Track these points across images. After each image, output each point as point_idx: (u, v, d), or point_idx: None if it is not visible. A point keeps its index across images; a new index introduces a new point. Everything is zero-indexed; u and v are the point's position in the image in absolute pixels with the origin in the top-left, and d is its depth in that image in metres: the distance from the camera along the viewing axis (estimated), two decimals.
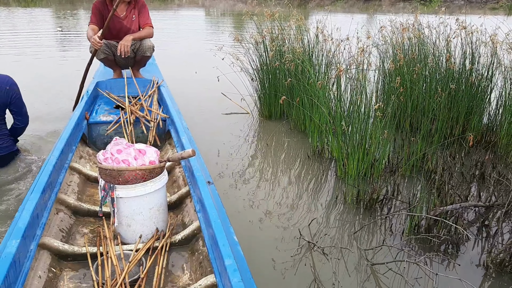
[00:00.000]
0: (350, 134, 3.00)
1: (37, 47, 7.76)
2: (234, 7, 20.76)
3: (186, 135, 2.74)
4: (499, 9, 21.10)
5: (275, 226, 2.47)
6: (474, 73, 3.63)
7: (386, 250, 2.27)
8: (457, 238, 2.30)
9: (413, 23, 4.05)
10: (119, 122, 3.19)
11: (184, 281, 1.82)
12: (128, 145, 2.03)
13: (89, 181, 2.65)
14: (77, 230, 2.14)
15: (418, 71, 3.44)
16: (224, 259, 1.52)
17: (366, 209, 2.66)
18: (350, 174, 3.02)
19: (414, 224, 2.38)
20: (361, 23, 4.57)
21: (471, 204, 2.55)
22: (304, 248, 2.26)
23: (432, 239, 2.28)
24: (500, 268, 2.12)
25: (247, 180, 3.05)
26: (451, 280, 2.01)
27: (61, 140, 2.55)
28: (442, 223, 2.36)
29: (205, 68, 5.97)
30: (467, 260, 2.22)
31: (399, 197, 2.76)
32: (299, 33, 4.08)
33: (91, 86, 3.69)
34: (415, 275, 2.07)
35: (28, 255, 1.69)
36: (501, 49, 3.63)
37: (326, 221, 2.57)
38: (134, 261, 1.81)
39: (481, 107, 3.68)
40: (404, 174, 3.11)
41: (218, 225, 1.72)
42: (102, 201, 1.98)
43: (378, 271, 2.10)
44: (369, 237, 2.41)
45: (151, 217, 2.02)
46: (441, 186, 2.78)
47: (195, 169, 2.21)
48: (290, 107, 4.06)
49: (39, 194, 1.90)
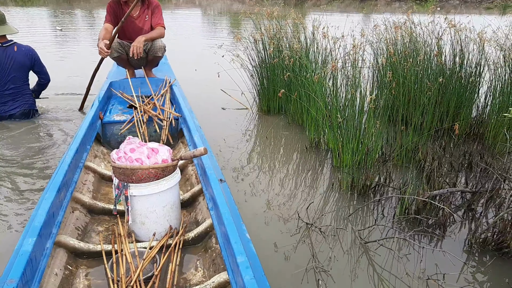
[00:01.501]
0: (345, 127, 3.17)
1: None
2: (231, 6, 20.92)
3: (198, 134, 2.77)
4: (493, 9, 21.37)
5: (275, 211, 2.64)
6: (463, 69, 3.82)
7: (378, 231, 2.45)
8: (444, 220, 2.48)
9: (405, 21, 4.24)
10: (133, 121, 3.24)
11: (198, 278, 1.85)
12: (141, 144, 2.08)
13: (103, 179, 2.70)
14: (92, 228, 2.19)
15: (409, 66, 3.62)
16: (237, 256, 1.54)
17: (360, 195, 2.83)
18: (345, 164, 3.20)
19: (405, 208, 2.56)
20: (356, 22, 4.74)
21: (458, 189, 2.74)
22: (302, 229, 2.43)
23: (421, 222, 2.46)
24: (483, 246, 2.30)
25: (248, 171, 3.21)
26: (437, 256, 2.20)
27: (76, 140, 2.60)
28: (430, 206, 2.54)
29: (204, 66, 6.16)
30: (453, 239, 2.40)
31: (391, 184, 2.94)
32: (296, 31, 4.26)
33: (105, 86, 3.75)
34: (405, 252, 2.25)
35: (44, 253, 1.73)
36: (490, 46, 3.82)
37: (322, 205, 2.74)
38: (148, 259, 1.84)
39: (470, 101, 3.87)
40: (396, 164, 3.29)
41: (231, 222, 1.74)
42: (116, 199, 2.02)
43: (371, 249, 2.27)
44: (363, 219, 2.59)
45: (164, 215, 2.05)
46: (430, 174, 2.96)
47: (207, 167, 2.24)
48: (288, 102, 4.24)
49: (55, 193, 1.94)
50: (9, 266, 1.51)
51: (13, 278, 1.43)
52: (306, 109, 3.84)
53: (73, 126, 3.78)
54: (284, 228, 2.45)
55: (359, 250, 2.27)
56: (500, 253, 2.25)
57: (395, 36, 4.09)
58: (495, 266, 2.19)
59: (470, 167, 3.22)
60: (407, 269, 2.12)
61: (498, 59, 3.73)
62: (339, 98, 3.40)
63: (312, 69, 3.63)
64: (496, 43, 3.79)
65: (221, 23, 14.55)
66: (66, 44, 8.68)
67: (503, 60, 3.66)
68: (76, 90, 4.80)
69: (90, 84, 4.05)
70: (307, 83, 3.53)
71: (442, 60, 3.76)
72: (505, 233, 2.25)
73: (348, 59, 3.48)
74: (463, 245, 2.35)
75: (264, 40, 4.29)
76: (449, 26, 3.89)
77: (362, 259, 2.21)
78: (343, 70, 3.47)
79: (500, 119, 3.53)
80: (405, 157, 3.30)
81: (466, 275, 2.11)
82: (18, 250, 1.59)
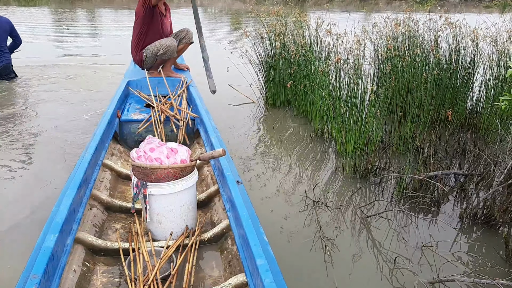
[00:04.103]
0: (348, 117, 3.42)
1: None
2: (232, 6, 21.16)
3: (215, 135, 2.79)
4: (493, 7, 21.57)
5: (284, 193, 2.88)
6: (459, 64, 4.06)
7: (378, 207, 2.70)
8: (438, 198, 2.73)
9: (404, 19, 4.48)
10: (150, 120, 3.25)
11: (213, 279, 1.86)
12: (161, 144, 2.09)
13: (120, 178, 2.72)
14: (109, 226, 2.20)
15: (407, 60, 3.86)
16: (256, 259, 1.54)
17: (362, 178, 3.08)
18: (348, 151, 3.44)
19: (402, 188, 2.81)
20: (357, 20, 4.99)
21: (452, 171, 2.99)
22: (309, 206, 2.68)
23: (417, 200, 2.71)
24: (473, 220, 2.55)
25: (257, 159, 3.45)
26: (432, 230, 2.45)
27: (95, 138, 2.62)
28: (426, 186, 2.79)
29: (212, 62, 6.40)
30: (446, 215, 2.65)
31: (390, 168, 3.19)
32: (300, 28, 4.51)
33: (122, 84, 3.78)
34: (402, 224, 2.51)
35: (65, 250, 1.74)
36: (484, 42, 4.07)
37: (327, 187, 2.99)
38: (165, 258, 1.85)
39: (465, 94, 4.12)
40: (395, 151, 3.53)
41: (249, 225, 1.74)
42: (134, 198, 2.02)
43: (371, 224, 2.52)
44: (364, 198, 2.84)
45: (181, 215, 2.06)
46: (426, 159, 3.20)
47: (225, 169, 2.24)
48: (294, 95, 4.49)
49: (76, 190, 1.95)
50: (31, 261, 1.54)
51: (36, 274, 1.44)
52: (311, 101, 4.09)
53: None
54: (292, 206, 2.70)
55: (360, 224, 2.52)
56: (488, 226, 2.50)
57: (394, 32, 4.33)
58: (484, 237, 2.44)
59: (464, 154, 3.47)
60: (404, 238, 2.37)
61: (492, 54, 3.97)
62: (342, 90, 3.65)
63: (317, 63, 3.87)
64: (491, 39, 4.04)
65: (222, 21, 14.79)
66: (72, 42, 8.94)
67: (497, 54, 3.90)
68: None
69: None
70: (312, 77, 3.77)
71: (438, 55, 4.00)
72: (493, 208, 2.50)
73: (351, 53, 3.73)
74: (455, 219, 2.60)
75: (270, 36, 4.54)
76: (445, 23, 4.13)
77: (363, 231, 2.46)
78: (346, 63, 3.71)
79: (493, 110, 3.77)
80: (403, 145, 3.54)
81: (458, 245, 2.36)
82: (39, 245, 1.60)
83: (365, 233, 2.44)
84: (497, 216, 2.47)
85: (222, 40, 9.24)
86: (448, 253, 2.27)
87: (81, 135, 3.67)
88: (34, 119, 4.06)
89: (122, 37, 9.34)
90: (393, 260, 2.19)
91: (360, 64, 3.55)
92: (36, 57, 6.83)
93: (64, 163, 3.15)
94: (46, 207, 2.41)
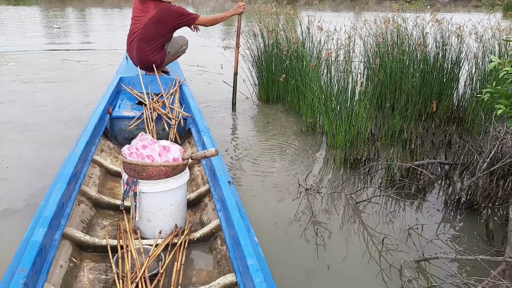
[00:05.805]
0: (338, 111, 3.54)
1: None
2: (224, 5, 21.23)
3: (207, 135, 2.79)
4: (482, 7, 21.91)
5: (277, 183, 3.00)
6: (445, 59, 4.22)
7: (367, 194, 2.83)
8: (424, 186, 2.87)
9: (393, 16, 4.63)
10: (142, 118, 3.23)
11: (202, 278, 1.86)
12: (153, 141, 2.07)
13: (109, 174, 2.70)
14: (97, 222, 2.18)
15: (396, 55, 4.01)
16: (247, 259, 1.54)
17: (352, 168, 3.22)
18: (338, 143, 3.57)
19: (390, 175, 2.94)
20: (347, 18, 5.14)
21: (437, 161, 3.13)
22: (302, 194, 2.81)
23: (404, 186, 2.85)
24: (457, 205, 2.70)
25: (250, 152, 3.55)
26: (418, 215, 2.58)
27: (86, 133, 2.60)
28: (412, 175, 2.92)
29: (205, 59, 6.52)
30: (431, 202, 2.79)
31: (379, 159, 3.32)
32: (292, 25, 4.64)
33: (114, 80, 3.74)
34: (390, 209, 2.64)
35: (53, 244, 1.73)
36: (470, 38, 4.23)
37: (319, 176, 3.12)
38: (154, 256, 1.85)
39: (451, 88, 4.27)
40: (384, 143, 3.67)
41: (241, 225, 1.75)
42: (124, 195, 2.00)
43: (361, 209, 2.65)
44: (354, 186, 2.97)
45: (171, 214, 2.05)
46: (414, 150, 3.34)
47: (217, 169, 2.24)
48: (286, 91, 4.61)
49: (65, 185, 1.94)
50: (18, 255, 1.53)
51: (24, 267, 1.44)
52: (303, 96, 4.21)
53: None
54: (286, 195, 2.82)
55: (351, 209, 2.65)
56: (471, 210, 2.65)
57: (383, 29, 4.48)
58: (467, 220, 2.59)
59: (449, 145, 3.62)
60: (391, 221, 2.50)
61: (477, 50, 4.13)
62: (333, 85, 3.77)
63: (308, 59, 4.00)
64: (476, 35, 4.20)
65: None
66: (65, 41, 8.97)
67: (482, 50, 4.06)
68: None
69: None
70: (303, 72, 3.90)
71: (426, 51, 4.15)
72: (476, 193, 2.65)
73: (341, 48, 3.86)
74: (441, 205, 2.74)
75: (263, 33, 4.65)
76: (432, 20, 4.28)
77: (353, 216, 2.59)
78: (337, 59, 3.84)
79: (478, 103, 3.93)
80: (391, 137, 3.68)
81: (442, 228, 2.50)
82: (28, 239, 1.59)
83: (355, 218, 2.57)
84: (479, 201, 2.61)
85: (215, 38, 9.35)
86: (433, 236, 2.40)
87: (69, 129, 3.77)
88: (20, 109, 4.15)
89: (114, 35, 9.39)
90: (382, 242, 2.32)
91: (350, 59, 3.69)
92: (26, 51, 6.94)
93: (54, 153, 3.22)
94: (34, 200, 2.50)
